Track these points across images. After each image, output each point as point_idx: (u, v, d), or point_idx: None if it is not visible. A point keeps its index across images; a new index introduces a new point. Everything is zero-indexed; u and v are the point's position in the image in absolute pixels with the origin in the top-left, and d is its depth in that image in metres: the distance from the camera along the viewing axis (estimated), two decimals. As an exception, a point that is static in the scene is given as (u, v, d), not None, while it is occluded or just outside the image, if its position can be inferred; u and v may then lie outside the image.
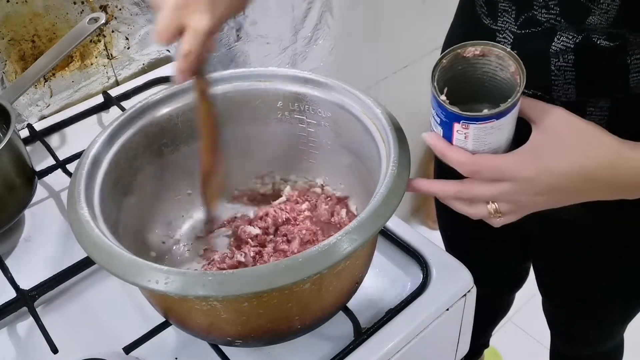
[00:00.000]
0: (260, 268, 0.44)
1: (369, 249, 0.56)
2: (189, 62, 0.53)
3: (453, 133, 0.50)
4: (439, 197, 0.55)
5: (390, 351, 0.58)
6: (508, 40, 0.61)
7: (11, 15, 0.80)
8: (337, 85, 0.61)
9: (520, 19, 0.60)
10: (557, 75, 0.59)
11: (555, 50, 0.58)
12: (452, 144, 0.51)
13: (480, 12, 0.64)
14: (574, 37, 0.57)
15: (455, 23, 0.75)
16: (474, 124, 0.49)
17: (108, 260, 0.46)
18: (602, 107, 0.59)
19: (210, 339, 0.55)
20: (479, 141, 0.50)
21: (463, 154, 0.51)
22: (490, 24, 0.63)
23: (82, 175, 0.53)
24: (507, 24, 0.61)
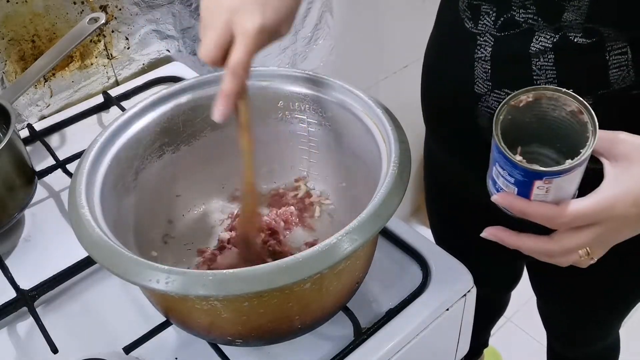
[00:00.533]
0: (260, 267, 0.44)
1: (369, 249, 0.56)
2: (237, 77, 0.49)
3: (532, 190, 0.49)
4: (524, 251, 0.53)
5: (390, 351, 0.58)
6: (489, 42, 0.62)
7: (11, 15, 0.80)
8: (338, 85, 0.61)
9: (500, 21, 0.60)
10: (538, 75, 0.59)
11: (535, 51, 0.59)
12: (529, 199, 0.49)
13: (463, 17, 0.64)
14: (552, 37, 0.57)
15: (436, 31, 0.76)
16: (558, 177, 0.47)
17: (109, 260, 0.46)
18: None
19: (211, 339, 0.56)
20: (561, 191, 0.48)
21: (549, 208, 0.48)
22: (471, 27, 0.63)
23: (83, 175, 0.53)
24: (487, 27, 0.62)
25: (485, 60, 0.63)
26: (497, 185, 0.52)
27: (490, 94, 0.64)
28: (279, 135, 0.66)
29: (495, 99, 0.63)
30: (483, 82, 0.64)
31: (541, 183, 0.48)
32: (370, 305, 0.62)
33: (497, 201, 0.51)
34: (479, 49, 0.63)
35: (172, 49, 0.99)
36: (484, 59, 0.63)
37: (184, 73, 0.94)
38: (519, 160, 0.48)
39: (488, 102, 0.64)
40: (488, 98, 0.64)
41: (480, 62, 0.63)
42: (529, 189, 0.49)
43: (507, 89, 0.62)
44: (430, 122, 0.82)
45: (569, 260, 0.52)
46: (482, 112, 0.65)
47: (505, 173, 0.50)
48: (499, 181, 0.51)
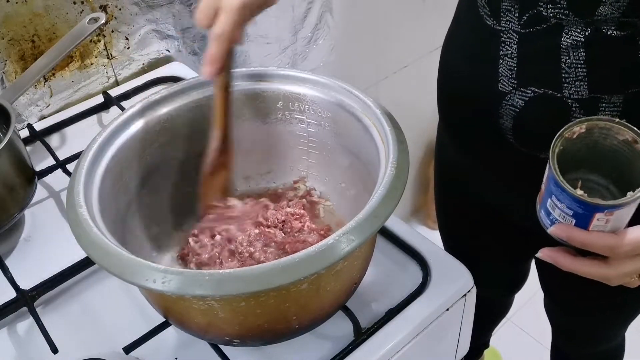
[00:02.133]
0: (257, 268, 0.44)
1: (367, 250, 0.56)
2: (220, 45, 0.54)
3: (592, 222, 0.49)
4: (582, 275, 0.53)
5: (390, 351, 0.58)
6: (513, 39, 0.61)
7: (11, 15, 0.80)
8: (337, 85, 0.61)
9: (525, 17, 0.59)
10: (567, 72, 0.58)
11: (566, 46, 0.57)
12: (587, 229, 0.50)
13: (482, 13, 0.63)
14: (583, 31, 0.56)
15: (455, 25, 0.75)
16: (619, 210, 0.48)
17: (106, 259, 0.46)
18: (615, 102, 0.58)
19: (209, 339, 0.56)
20: (619, 221, 0.49)
21: (609, 238, 0.49)
22: (493, 24, 0.62)
23: (82, 175, 0.53)
24: (511, 24, 0.60)
25: (512, 58, 0.61)
26: (551, 216, 0.52)
27: (516, 92, 0.62)
28: (278, 136, 0.66)
29: (520, 97, 0.62)
30: (508, 80, 0.62)
31: (602, 215, 0.48)
32: (370, 305, 0.62)
33: (554, 233, 0.52)
34: (503, 46, 0.62)
35: (172, 49, 0.99)
36: (510, 56, 0.61)
37: (183, 73, 0.94)
38: (580, 194, 0.48)
39: (513, 100, 0.63)
40: (513, 97, 0.63)
41: (505, 59, 0.62)
42: (588, 221, 0.49)
43: (533, 87, 0.61)
44: (446, 120, 0.81)
45: (621, 282, 0.53)
46: (506, 111, 0.64)
47: (563, 206, 0.50)
48: (554, 213, 0.51)
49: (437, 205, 0.99)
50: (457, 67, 0.73)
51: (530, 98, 0.62)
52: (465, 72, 0.70)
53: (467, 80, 0.69)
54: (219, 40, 0.54)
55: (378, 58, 1.41)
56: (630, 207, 0.48)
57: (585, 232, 0.49)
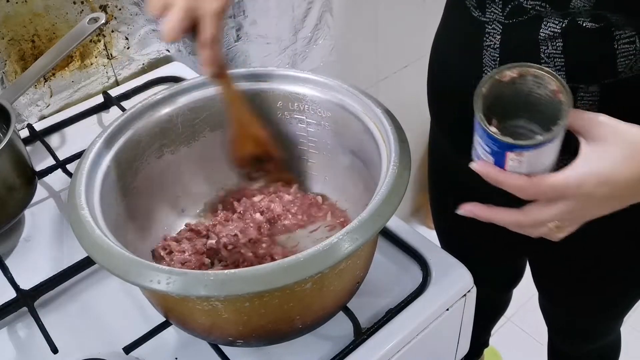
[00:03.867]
0: (261, 268, 0.44)
1: (369, 249, 0.56)
2: (214, 48, 0.56)
3: (506, 161, 0.50)
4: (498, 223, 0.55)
5: (390, 351, 0.58)
6: (497, 30, 0.62)
7: (11, 15, 0.80)
8: (337, 85, 0.61)
9: (507, 9, 0.60)
10: (547, 62, 0.60)
11: (544, 37, 0.59)
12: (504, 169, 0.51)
13: (469, 5, 0.64)
14: (560, 22, 0.57)
15: (443, 21, 0.76)
16: (529, 151, 0.49)
17: (109, 261, 0.46)
18: (593, 92, 0.59)
19: (212, 339, 0.55)
20: (534, 164, 0.50)
21: (521, 179, 0.50)
22: (479, 16, 0.63)
23: (82, 176, 0.53)
24: (495, 15, 0.62)
25: (494, 48, 0.63)
26: (477, 153, 0.53)
27: None
28: (278, 136, 0.66)
29: None
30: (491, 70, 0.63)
31: (513, 155, 0.49)
32: (370, 305, 0.62)
33: (475, 168, 0.53)
34: (487, 37, 0.63)
35: (172, 48, 0.99)
36: (493, 47, 0.63)
37: (183, 73, 0.94)
38: (493, 131, 0.49)
39: None
40: None
41: (489, 50, 0.63)
42: (502, 160, 0.51)
43: None
44: (436, 113, 0.82)
45: (539, 232, 0.54)
46: None
47: (482, 142, 0.51)
48: (478, 150, 0.53)
49: (432, 202, 1.00)
50: (445, 60, 0.74)
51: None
52: (453, 64, 0.71)
53: (455, 72, 0.71)
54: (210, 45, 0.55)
55: (378, 58, 1.41)
56: (542, 150, 0.49)
57: (499, 170, 0.51)
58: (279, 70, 0.64)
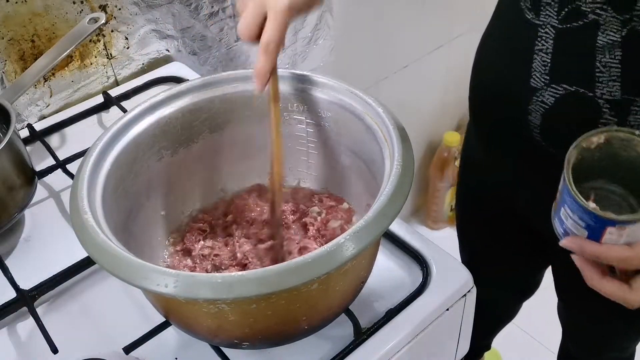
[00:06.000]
0: (269, 269, 0.44)
1: (373, 249, 0.56)
2: (269, 54, 0.52)
3: (604, 234, 0.49)
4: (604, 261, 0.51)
5: (390, 351, 0.58)
6: (550, 35, 0.60)
7: (11, 15, 0.80)
8: (338, 85, 0.61)
9: (563, 12, 0.58)
10: (601, 71, 0.57)
11: (601, 45, 0.57)
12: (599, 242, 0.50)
13: (523, 7, 0.62)
14: (620, 30, 0.55)
15: (494, 21, 0.73)
16: (632, 225, 0.47)
17: (115, 265, 0.46)
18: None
19: (217, 342, 0.55)
20: (634, 236, 0.49)
21: (625, 251, 0.48)
22: (532, 18, 0.61)
23: (84, 179, 0.53)
24: (549, 18, 0.60)
25: (546, 53, 0.61)
26: (564, 225, 0.52)
27: (547, 88, 0.62)
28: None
29: (551, 94, 0.62)
30: (540, 76, 0.62)
31: (614, 229, 0.48)
32: (370, 305, 0.62)
33: (565, 245, 0.51)
34: (540, 41, 0.61)
35: (172, 48, 0.99)
36: (545, 52, 0.61)
37: (183, 73, 0.94)
38: (592, 207, 0.48)
39: (543, 96, 0.62)
40: (544, 93, 0.62)
41: (540, 54, 0.61)
42: (599, 234, 0.49)
43: (565, 84, 0.60)
44: (476, 114, 0.80)
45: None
46: (536, 107, 0.63)
47: (575, 217, 0.49)
48: (567, 222, 0.51)
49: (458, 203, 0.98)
50: (492, 61, 0.72)
51: (561, 95, 0.61)
52: (499, 66, 0.69)
53: (501, 75, 0.69)
54: (267, 50, 0.52)
55: (378, 58, 1.41)
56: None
57: (596, 244, 0.49)
58: (278, 71, 0.63)
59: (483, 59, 0.75)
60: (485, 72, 0.74)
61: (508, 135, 0.71)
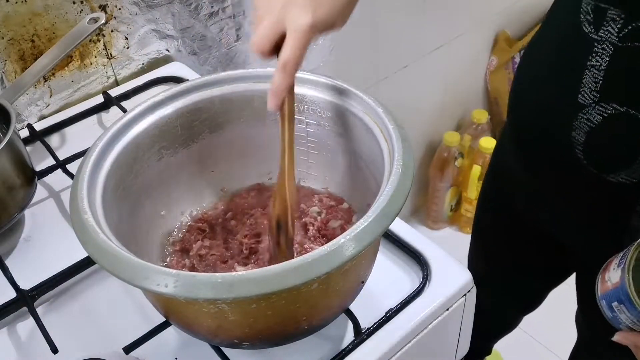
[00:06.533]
0: (269, 269, 0.44)
1: (373, 248, 0.56)
2: (286, 73, 0.50)
3: None
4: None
5: (390, 351, 0.58)
6: (607, 52, 0.58)
7: (11, 15, 0.80)
8: (338, 85, 0.61)
9: (625, 30, 0.56)
10: None
11: None
12: None
13: (583, 19, 0.60)
14: None
15: (544, 29, 0.71)
16: None
17: (115, 265, 0.46)
18: None
19: (217, 342, 0.55)
20: None
21: None
22: (590, 32, 0.59)
23: (84, 180, 0.53)
24: (609, 34, 0.57)
25: (599, 70, 0.59)
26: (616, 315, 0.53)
27: (595, 106, 0.60)
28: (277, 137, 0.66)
29: (599, 113, 0.60)
30: (590, 93, 0.60)
31: None
32: (370, 305, 0.62)
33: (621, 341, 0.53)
34: (594, 57, 0.59)
35: (172, 48, 0.99)
36: (598, 69, 0.59)
37: (183, 73, 0.94)
38: None
39: (590, 114, 0.60)
40: (591, 110, 0.60)
41: (592, 70, 0.59)
42: None
43: (615, 104, 0.58)
44: (516, 125, 0.77)
45: None
46: (581, 124, 0.61)
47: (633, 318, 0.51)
48: (620, 316, 0.52)
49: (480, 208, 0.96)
50: (538, 71, 0.70)
51: (609, 114, 0.59)
52: (546, 77, 0.67)
53: (547, 86, 0.67)
54: (285, 69, 0.50)
55: (378, 58, 1.41)
56: None
57: None
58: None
59: (529, 67, 0.73)
60: (531, 82, 0.72)
61: (548, 149, 0.68)
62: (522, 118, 0.75)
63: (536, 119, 0.70)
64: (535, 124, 0.71)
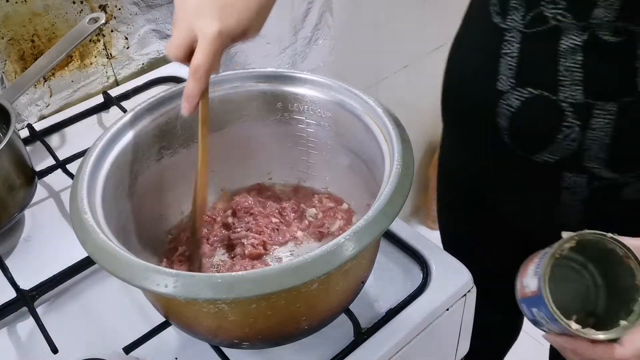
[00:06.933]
0: (270, 269, 0.44)
1: (373, 248, 0.56)
2: (197, 79, 0.52)
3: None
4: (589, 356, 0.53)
5: (390, 351, 0.58)
6: (516, 39, 0.61)
7: (11, 15, 0.80)
8: (337, 85, 0.61)
9: (529, 17, 0.60)
10: (564, 75, 0.59)
11: (564, 50, 0.58)
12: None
13: (492, 11, 0.64)
14: (581, 35, 0.57)
15: (464, 24, 0.75)
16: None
17: (115, 265, 0.46)
18: (610, 110, 0.58)
19: (217, 342, 0.55)
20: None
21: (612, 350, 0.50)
22: (499, 22, 0.63)
23: (84, 180, 0.53)
24: (515, 23, 0.61)
25: (512, 57, 0.62)
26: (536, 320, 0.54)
27: (513, 91, 0.63)
28: (277, 137, 0.66)
29: (517, 97, 0.63)
30: (506, 79, 0.63)
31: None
32: (370, 305, 0.62)
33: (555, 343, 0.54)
34: (506, 45, 0.62)
35: (172, 48, 0.99)
36: (510, 56, 0.62)
37: (183, 73, 0.94)
38: (575, 329, 0.49)
39: (510, 100, 0.64)
40: (510, 96, 0.63)
41: (506, 58, 0.63)
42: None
43: (530, 88, 0.62)
44: (448, 119, 0.81)
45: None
46: (503, 110, 0.65)
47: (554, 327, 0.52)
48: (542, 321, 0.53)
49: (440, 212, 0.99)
50: (461, 66, 0.73)
51: (526, 99, 0.62)
52: (468, 70, 0.70)
53: (470, 79, 0.70)
54: (196, 75, 0.52)
55: (378, 58, 1.41)
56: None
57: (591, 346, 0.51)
58: (277, 71, 0.64)
59: (453, 63, 0.77)
60: (456, 77, 0.76)
61: (480, 138, 0.72)
62: (453, 112, 0.79)
63: (465, 111, 0.74)
64: (465, 115, 0.74)
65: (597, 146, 0.60)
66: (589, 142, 0.60)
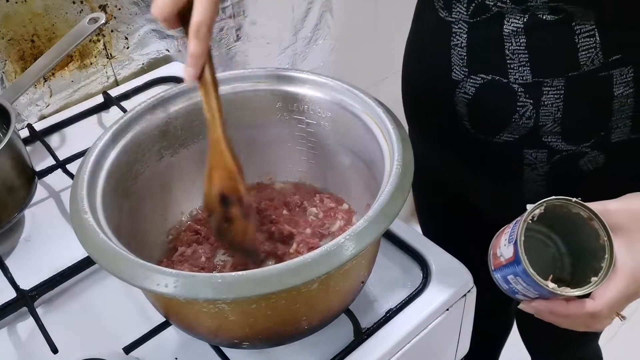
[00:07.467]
0: (270, 269, 0.44)
1: (373, 248, 0.56)
2: (201, 38, 0.49)
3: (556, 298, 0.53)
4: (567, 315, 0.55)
5: (390, 351, 0.58)
6: (463, 29, 0.64)
7: (10, 15, 0.80)
8: (337, 85, 0.61)
9: (472, 8, 0.62)
10: (511, 58, 0.61)
11: (508, 33, 0.60)
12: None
13: (437, 7, 0.66)
14: (522, 17, 0.59)
15: (414, 25, 0.78)
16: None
17: (115, 265, 0.46)
18: (557, 86, 0.61)
19: (217, 342, 0.55)
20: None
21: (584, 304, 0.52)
22: (446, 16, 0.65)
23: (84, 180, 0.53)
24: (460, 14, 0.64)
25: (462, 47, 0.65)
26: (511, 286, 0.55)
27: (467, 79, 0.65)
28: (277, 137, 0.66)
29: (471, 85, 0.65)
30: (460, 69, 0.66)
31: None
32: (370, 305, 0.62)
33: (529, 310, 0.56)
34: (455, 37, 0.65)
35: (172, 48, 0.99)
36: (460, 46, 0.65)
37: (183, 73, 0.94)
38: (551, 288, 0.51)
39: (465, 88, 0.66)
40: (465, 84, 0.66)
41: (456, 49, 0.65)
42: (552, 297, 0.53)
43: (482, 74, 0.64)
44: (411, 116, 0.84)
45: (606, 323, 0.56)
46: (460, 98, 0.67)
47: (530, 288, 0.53)
48: (516, 287, 0.54)
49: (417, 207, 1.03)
50: (416, 64, 0.76)
51: (480, 85, 0.65)
52: (424, 66, 0.73)
53: (426, 74, 0.73)
54: (199, 34, 0.49)
55: (378, 58, 1.41)
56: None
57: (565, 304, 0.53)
58: (277, 71, 0.64)
59: (409, 63, 0.79)
60: (412, 75, 0.78)
61: (441, 128, 0.75)
62: (414, 110, 0.81)
63: (425, 107, 0.77)
64: (426, 111, 0.77)
65: (551, 121, 0.62)
66: (544, 118, 0.62)
